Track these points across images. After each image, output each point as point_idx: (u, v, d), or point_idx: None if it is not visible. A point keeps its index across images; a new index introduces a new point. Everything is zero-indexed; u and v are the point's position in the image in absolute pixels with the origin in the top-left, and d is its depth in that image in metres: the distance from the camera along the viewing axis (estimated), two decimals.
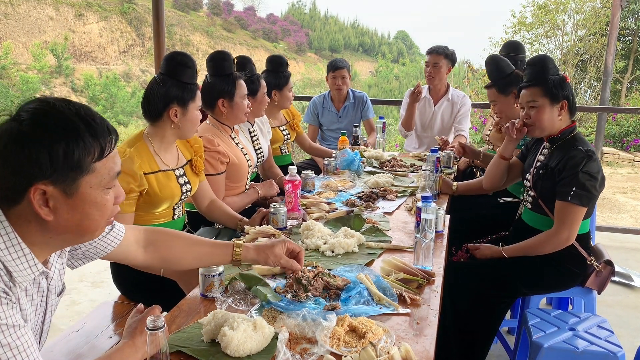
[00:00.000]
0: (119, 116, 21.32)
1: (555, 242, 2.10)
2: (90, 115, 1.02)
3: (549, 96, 2.16)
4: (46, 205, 0.99)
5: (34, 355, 0.98)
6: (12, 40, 23.12)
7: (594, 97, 15.10)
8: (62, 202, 1.00)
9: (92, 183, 1.02)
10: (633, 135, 12.05)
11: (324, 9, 48.80)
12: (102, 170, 1.03)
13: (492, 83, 2.84)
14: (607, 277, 2.18)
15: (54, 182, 0.98)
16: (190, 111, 2.08)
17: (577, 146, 2.09)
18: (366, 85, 30.20)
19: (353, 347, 1.28)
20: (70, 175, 0.99)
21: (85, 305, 3.25)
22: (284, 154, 3.61)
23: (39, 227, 1.02)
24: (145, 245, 1.45)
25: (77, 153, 0.98)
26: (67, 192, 1.00)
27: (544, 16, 16.18)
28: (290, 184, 2.29)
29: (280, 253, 1.52)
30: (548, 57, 2.28)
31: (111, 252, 1.35)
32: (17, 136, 0.96)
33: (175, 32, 28.76)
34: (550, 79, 2.17)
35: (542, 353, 1.90)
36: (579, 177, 2.02)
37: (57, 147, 0.96)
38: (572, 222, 2.06)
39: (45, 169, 0.96)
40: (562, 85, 2.16)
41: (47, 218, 1.00)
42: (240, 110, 2.55)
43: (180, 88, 2.04)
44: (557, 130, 2.19)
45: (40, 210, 0.99)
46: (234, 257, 1.51)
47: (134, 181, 1.93)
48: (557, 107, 2.17)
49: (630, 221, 6.77)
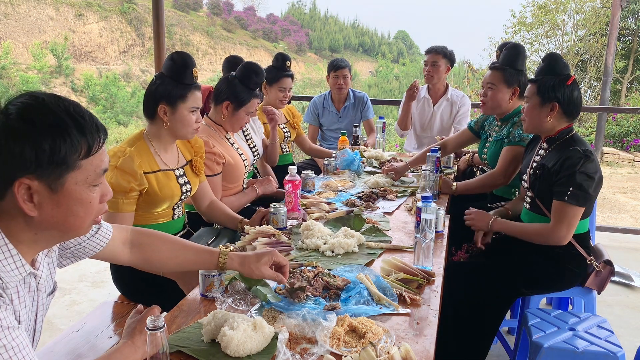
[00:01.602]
0: (119, 116, 21.32)
1: (548, 237, 2.10)
2: (79, 112, 1.02)
3: (539, 96, 2.16)
4: (30, 201, 0.99)
5: (30, 356, 0.98)
6: (12, 40, 23.12)
7: (594, 97, 15.10)
8: (46, 198, 0.99)
9: (78, 180, 1.01)
10: (633, 135, 12.06)
11: (324, 9, 48.76)
12: (88, 167, 1.02)
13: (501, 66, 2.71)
14: (607, 277, 2.18)
15: (39, 177, 0.97)
16: (179, 111, 2.04)
17: (574, 146, 2.08)
18: (366, 85, 30.19)
19: (353, 347, 1.28)
20: (56, 171, 0.98)
21: (85, 305, 3.24)
22: (285, 153, 3.61)
23: (24, 223, 1.02)
24: (131, 246, 1.46)
25: (63, 149, 0.97)
26: (52, 188, 0.99)
27: (544, 16, 16.20)
28: (290, 184, 2.29)
29: (264, 267, 1.48)
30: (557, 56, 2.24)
31: (99, 251, 1.35)
32: (3, 130, 0.96)
33: (175, 32, 28.75)
34: (544, 79, 2.16)
35: (542, 353, 1.90)
36: (576, 177, 2.01)
37: (43, 142, 0.96)
38: (570, 222, 2.06)
39: (30, 163, 0.96)
40: (554, 87, 2.12)
41: (31, 213, 0.99)
42: (238, 122, 2.55)
43: (170, 87, 2.03)
44: (554, 130, 2.19)
45: (24, 205, 0.98)
46: (218, 266, 1.50)
47: (134, 180, 1.93)
48: (546, 107, 2.15)
49: (630, 221, 6.77)
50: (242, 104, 2.50)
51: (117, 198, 1.92)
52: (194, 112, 2.09)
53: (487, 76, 2.77)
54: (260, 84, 2.58)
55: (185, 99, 2.05)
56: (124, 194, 1.92)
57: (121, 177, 1.91)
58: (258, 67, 2.55)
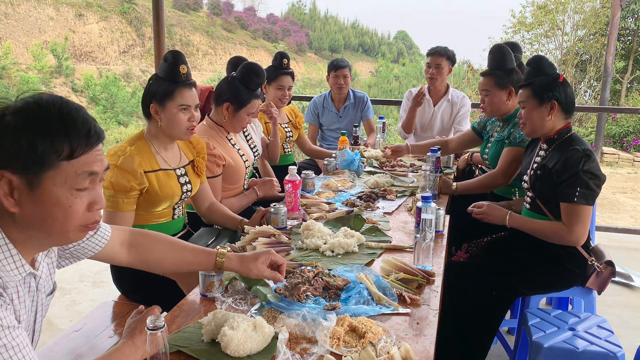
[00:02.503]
0: (119, 116, 21.32)
1: (565, 237, 2.09)
2: (72, 115, 1.02)
3: (536, 97, 2.17)
4: (11, 196, 1.00)
5: (30, 356, 0.98)
6: (12, 40, 23.13)
7: (593, 97, 15.11)
8: (25, 195, 1.00)
9: (56, 180, 1.01)
10: (633, 135, 12.07)
11: (324, 9, 48.86)
12: (68, 169, 1.01)
13: (490, 71, 2.79)
14: (608, 278, 2.18)
15: (17, 171, 0.99)
16: (168, 109, 2.03)
17: (574, 146, 2.09)
18: (366, 86, 30.20)
19: (353, 347, 1.28)
20: (32, 167, 0.99)
21: (85, 305, 3.25)
22: (287, 154, 3.61)
23: (10, 221, 1.03)
24: (129, 246, 1.46)
25: (41, 147, 0.98)
26: (30, 185, 1.00)
27: (543, 16, 16.20)
28: (290, 184, 2.29)
29: (262, 267, 1.50)
30: (541, 57, 2.28)
31: (97, 252, 1.36)
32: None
33: (175, 32, 28.76)
34: (536, 81, 2.17)
35: (542, 353, 1.91)
36: (581, 176, 2.01)
37: (21, 137, 0.98)
38: (584, 222, 2.06)
39: (9, 156, 0.98)
40: (550, 86, 2.15)
41: (12, 209, 1.01)
42: (239, 122, 2.55)
43: (159, 85, 2.03)
44: (553, 130, 2.19)
45: (5, 200, 1.00)
46: (216, 266, 1.51)
47: (134, 179, 1.93)
48: (545, 107, 2.16)
49: (630, 221, 6.77)
50: (242, 104, 2.50)
51: (117, 197, 1.92)
52: (184, 110, 2.06)
53: (480, 83, 2.84)
54: (261, 85, 2.57)
55: (172, 96, 2.03)
56: (124, 193, 1.92)
57: (121, 176, 1.91)
58: (258, 68, 2.54)
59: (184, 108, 2.06)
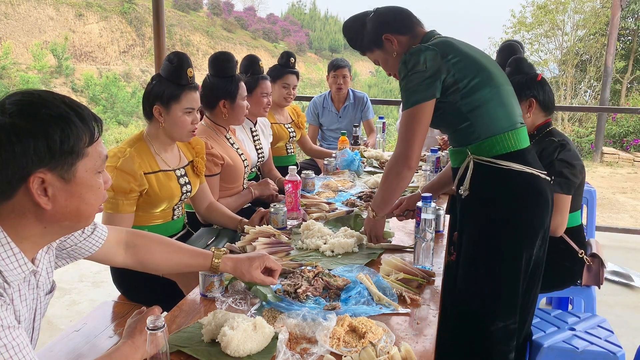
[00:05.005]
0: (119, 116, 21.31)
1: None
2: (75, 103, 1.05)
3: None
4: (45, 194, 1.01)
5: (30, 356, 0.98)
6: (12, 40, 23.11)
7: (594, 97, 15.10)
8: (60, 189, 1.02)
9: (87, 167, 1.05)
10: (633, 135, 12.06)
11: (324, 9, 48.80)
12: (94, 154, 1.06)
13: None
14: (599, 270, 2.20)
15: (52, 169, 1.00)
16: (173, 112, 2.03)
17: (550, 137, 2.16)
18: (366, 85, 30.18)
19: (353, 347, 1.28)
20: (68, 160, 1.01)
21: (85, 305, 3.25)
22: (289, 154, 3.60)
23: (34, 219, 1.03)
24: (126, 247, 1.46)
25: (71, 138, 1.00)
26: (65, 178, 1.02)
27: (543, 16, 16.19)
28: (290, 184, 2.29)
29: (256, 272, 1.50)
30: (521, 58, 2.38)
31: (94, 252, 1.36)
32: (11, 129, 0.97)
33: (175, 32, 28.75)
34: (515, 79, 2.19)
35: (542, 353, 1.91)
36: (555, 165, 2.07)
37: (53, 134, 0.98)
38: (562, 212, 2.10)
39: (43, 157, 0.98)
40: (528, 84, 2.20)
41: (46, 207, 1.01)
42: (241, 111, 2.55)
43: (165, 87, 2.02)
44: (533, 126, 2.25)
45: (39, 199, 1.00)
46: (212, 268, 1.51)
47: (134, 181, 1.93)
48: (524, 105, 2.20)
49: (630, 221, 6.77)
50: (234, 94, 2.49)
51: (117, 199, 1.92)
52: (189, 113, 2.07)
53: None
54: (235, 67, 2.54)
55: (178, 99, 2.04)
56: (124, 195, 1.92)
57: (121, 178, 1.91)
58: (223, 54, 2.55)
59: (189, 111, 2.07)
